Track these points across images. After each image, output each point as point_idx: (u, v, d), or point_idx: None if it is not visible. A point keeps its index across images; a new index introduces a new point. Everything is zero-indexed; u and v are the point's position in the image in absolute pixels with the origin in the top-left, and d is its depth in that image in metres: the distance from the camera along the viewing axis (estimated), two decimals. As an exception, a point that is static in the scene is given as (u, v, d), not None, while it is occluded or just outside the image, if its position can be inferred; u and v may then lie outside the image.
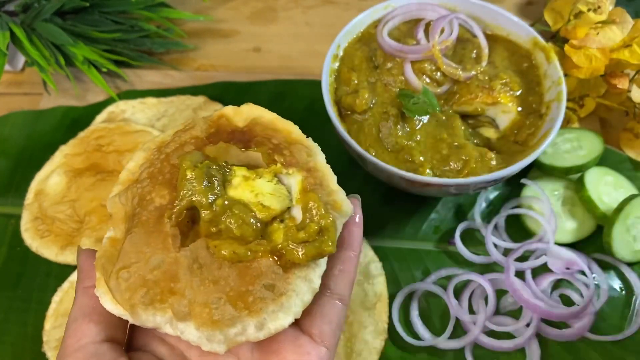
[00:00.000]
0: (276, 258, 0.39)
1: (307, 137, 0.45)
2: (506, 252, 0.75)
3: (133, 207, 0.40)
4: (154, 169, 0.42)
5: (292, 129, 0.45)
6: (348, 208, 0.42)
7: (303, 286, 0.38)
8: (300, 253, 0.38)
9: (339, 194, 0.42)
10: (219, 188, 0.40)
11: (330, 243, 0.39)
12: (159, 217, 0.39)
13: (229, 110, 0.46)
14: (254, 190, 0.40)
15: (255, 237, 0.39)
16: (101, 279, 0.39)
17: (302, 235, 0.38)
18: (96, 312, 0.40)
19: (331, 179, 0.42)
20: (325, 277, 0.41)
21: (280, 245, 0.39)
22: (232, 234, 0.38)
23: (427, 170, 0.67)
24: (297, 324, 0.41)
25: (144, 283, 0.37)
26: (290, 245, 0.38)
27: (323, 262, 0.40)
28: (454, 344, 0.69)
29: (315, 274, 0.39)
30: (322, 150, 0.45)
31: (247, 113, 0.46)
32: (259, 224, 0.39)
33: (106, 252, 0.40)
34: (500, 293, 0.73)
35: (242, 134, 0.44)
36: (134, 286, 0.37)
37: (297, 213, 0.40)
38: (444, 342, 0.69)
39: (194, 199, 0.39)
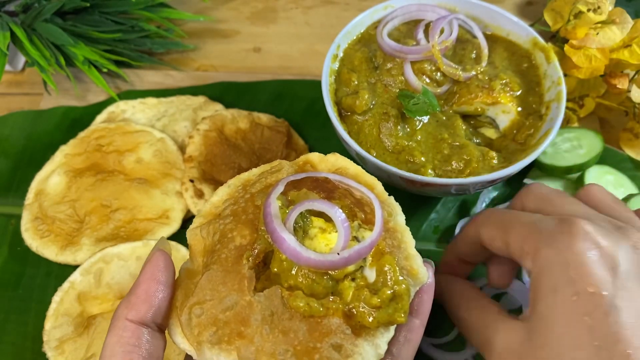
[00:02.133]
0: (346, 318, 0.38)
1: (389, 195, 0.44)
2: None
3: (213, 242, 0.40)
4: (238, 207, 0.41)
5: (374, 184, 0.44)
6: (424, 276, 0.41)
7: (370, 350, 0.38)
8: (371, 318, 0.38)
9: (416, 259, 0.41)
10: (299, 237, 0.39)
11: (402, 313, 0.38)
12: (237, 257, 0.39)
13: (315, 157, 0.46)
14: (329, 244, 0.40)
15: (326, 292, 0.38)
16: (174, 311, 0.39)
17: (375, 300, 0.38)
18: (138, 350, 0.38)
19: (409, 242, 0.42)
20: (390, 342, 0.41)
21: (352, 305, 0.38)
22: (302, 286, 0.38)
23: (429, 171, 0.67)
24: None
25: (214, 322, 0.37)
26: (362, 308, 0.38)
27: (392, 328, 0.40)
28: (455, 357, 0.67)
29: (383, 339, 0.39)
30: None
31: (333, 163, 0.45)
32: (330, 281, 0.39)
33: (182, 284, 0.40)
34: (500, 293, 0.73)
35: (326, 182, 0.43)
36: (205, 323, 0.37)
37: (369, 273, 0.39)
38: (443, 355, 0.67)
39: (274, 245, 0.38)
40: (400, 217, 0.43)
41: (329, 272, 0.38)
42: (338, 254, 0.37)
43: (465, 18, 0.77)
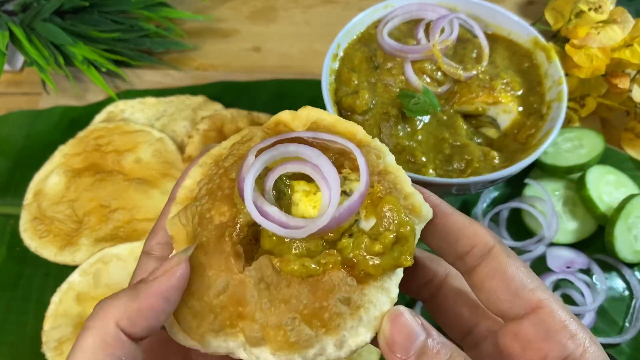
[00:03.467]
0: (348, 269, 0.36)
1: (373, 137, 0.41)
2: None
3: (194, 227, 0.37)
4: (213, 185, 0.38)
5: (355, 130, 0.40)
6: (427, 212, 0.38)
7: (381, 296, 0.35)
8: (374, 264, 0.35)
9: (416, 196, 0.38)
10: (284, 206, 0.37)
11: (408, 256, 0.35)
12: (219, 236, 0.36)
13: (286, 115, 0.42)
14: (317, 205, 0.37)
15: (326, 254, 0.36)
16: None
17: (378, 247, 0.35)
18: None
19: (405, 181, 0.38)
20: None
21: (352, 255, 0.35)
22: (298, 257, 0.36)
23: (430, 171, 0.67)
24: None
25: (211, 309, 0.35)
26: (363, 256, 0.35)
27: (400, 271, 0.37)
28: None
29: (392, 282, 0.36)
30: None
31: (306, 117, 0.41)
32: (326, 245, 0.36)
33: None
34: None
35: (301, 141, 0.39)
36: (202, 314, 0.35)
37: (366, 225, 0.37)
38: None
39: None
40: (390, 157, 0.40)
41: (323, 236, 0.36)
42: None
43: (465, 17, 0.77)
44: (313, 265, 0.35)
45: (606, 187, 0.76)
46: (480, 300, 0.39)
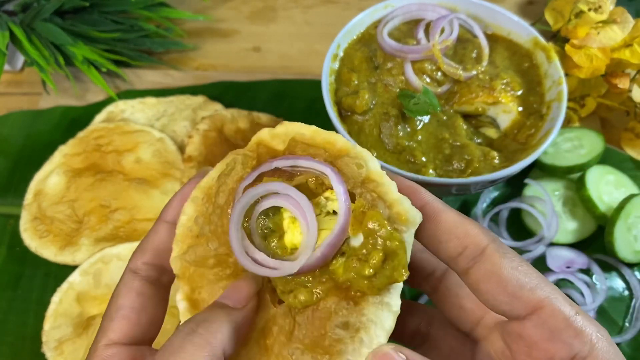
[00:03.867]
0: (343, 293, 0.36)
1: (354, 144, 0.39)
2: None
3: (212, 269, 0.38)
4: (216, 227, 0.39)
5: (334, 140, 0.39)
6: (414, 216, 0.36)
7: (381, 313, 0.35)
8: (369, 285, 0.35)
9: (402, 203, 0.36)
10: (274, 241, 0.38)
11: (402, 270, 0.34)
12: (252, 276, 0.38)
13: (265, 134, 0.41)
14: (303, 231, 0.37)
15: (319, 281, 0.36)
16: None
17: (367, 270, 0.34)
18: None
19: (389, 187, 0.37)
20: None
21: (344, 278, 0.35)
22: (292, 290, 0.36)
23: (430, 171, 0.67)
24: None
25: (245, 341, 0.37)
26: (354, 276, 0.35)
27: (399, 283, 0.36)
28: None
29: (393, 295, 0.35)
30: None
31: (285, 133, 0.41)
32: (317, 271, 0.36)
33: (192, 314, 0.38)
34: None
35: (282, 171, 0.39)
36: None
37: (356, 241, 0.36)
38: None
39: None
40: (373, 164, 0.38)
41: None
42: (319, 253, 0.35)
43: (465, 17, 0.77)
44: (304, 297, 0.35)
45: (606, 187, 0.76)
46: (480, 300, 0.38)
